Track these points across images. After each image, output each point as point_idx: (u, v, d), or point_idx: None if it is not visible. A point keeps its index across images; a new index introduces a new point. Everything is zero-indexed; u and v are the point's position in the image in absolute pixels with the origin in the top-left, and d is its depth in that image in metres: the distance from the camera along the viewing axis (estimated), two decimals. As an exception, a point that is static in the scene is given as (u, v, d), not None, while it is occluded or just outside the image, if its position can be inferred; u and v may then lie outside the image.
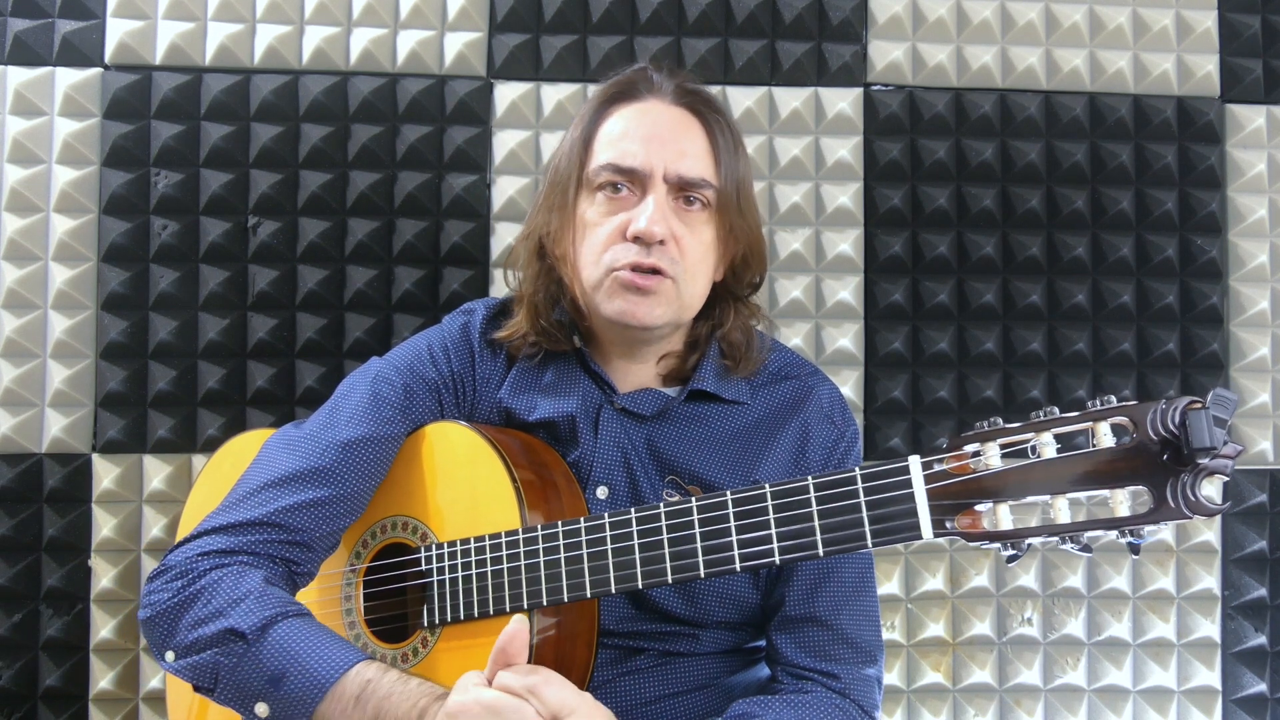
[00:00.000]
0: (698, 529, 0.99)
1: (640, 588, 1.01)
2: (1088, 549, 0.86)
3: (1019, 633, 1.71)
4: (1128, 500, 0.83)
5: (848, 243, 1.71)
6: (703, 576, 0.98)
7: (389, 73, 1.68)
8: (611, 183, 1.14)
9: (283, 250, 1.66)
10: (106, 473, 1.63)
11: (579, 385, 1.21)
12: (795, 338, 1.71)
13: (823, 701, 1.10)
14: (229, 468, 1.34)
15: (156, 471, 1.63)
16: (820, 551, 0.94)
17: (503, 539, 1.06)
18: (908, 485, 0.90)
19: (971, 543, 0.89)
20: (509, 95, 1.69)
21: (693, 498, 1.00)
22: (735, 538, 0.97)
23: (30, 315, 1.63)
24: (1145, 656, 1.72)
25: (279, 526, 1.07)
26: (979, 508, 0.88)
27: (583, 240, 1.16)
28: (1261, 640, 1.72)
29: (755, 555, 0.96)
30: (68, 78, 1.63)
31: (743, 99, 1.71)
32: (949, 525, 0.89)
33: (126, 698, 1.62)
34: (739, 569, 0.97)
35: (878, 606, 1.20)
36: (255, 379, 1.65)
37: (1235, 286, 1.75)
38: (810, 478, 0.95)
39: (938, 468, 0.90)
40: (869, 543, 0.92)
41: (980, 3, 1.73)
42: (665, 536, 1.00)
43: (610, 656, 1.15)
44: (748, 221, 1.20)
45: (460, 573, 1.08)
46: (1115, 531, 0.83)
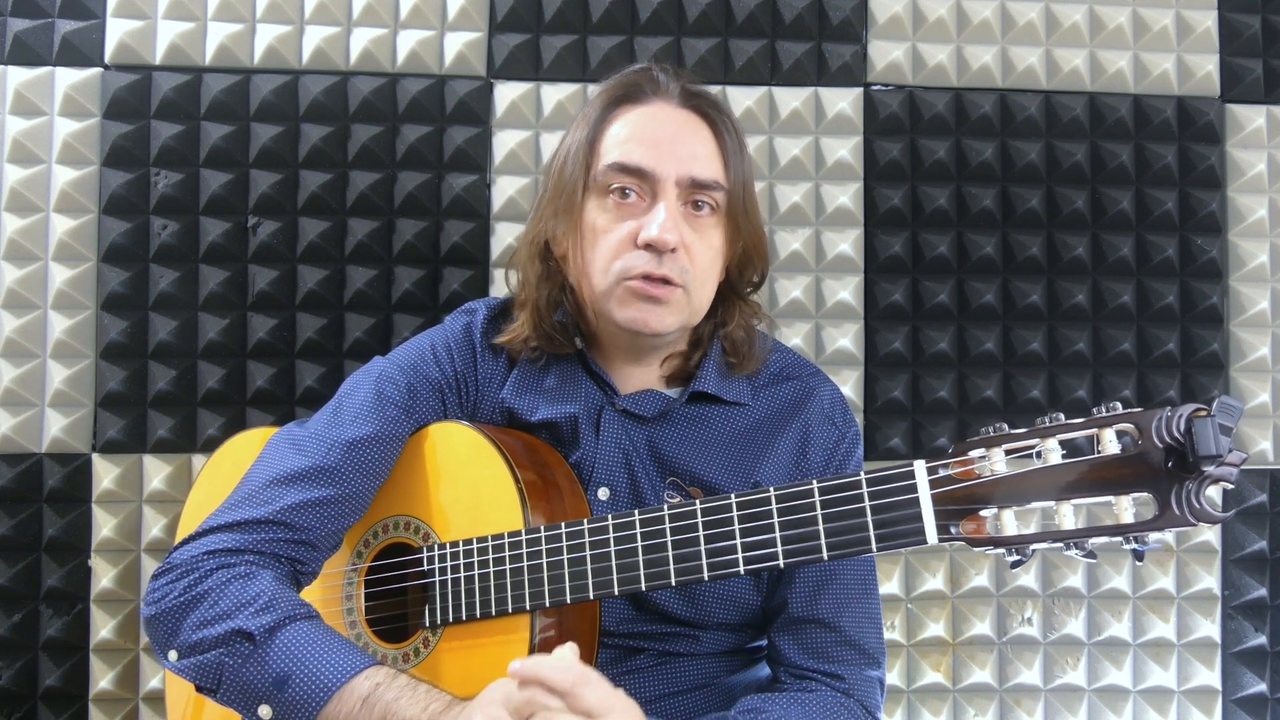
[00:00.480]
0: (701, 531, 0.98)
1: (643, 590, 1.00)
2: (1092, 555, 0.86)
3: (1019, 633, 1.71)
4: (1132, 507, 0.83)
5: (848, 243, 1.71)
6: (706, 579, 0.98)
7: (389, 73, 1.68)
8: (621, 187, 1.13)
9: (283, 250, 1.66)
10: (106, 473, 1.63)
11: (581, 387, 1.21)
12: (795, 338, 1.71)
13: (828, 700, 1.10)
14: (229, 467, 1.34)
15: (156, 471, 1.63)
16: (824, 555, 0.94)
17: (505, 540, 1.06)
18: (913, 490, 0.90)
19: (976, 548, 0.89)
20: (509, 95, 1.69)
21: (696, 500, 1.00)
22: (739, 540, 0.97)
23: (30, 315, 1.63)
24: (1145, 656, 1.72)
25: (285, 525, 1.06)
26: (984, 513, 0.88)
27: (591, 246, 1.14)
28: (1261, 640, 1.72)
29: (759, 559, 0.96)
30: (68, 78, 1.63)
31: (743, 99, 1.71)
32: (953, 530, 0.89)
33: (126, 698, 1.62)
34: (743, 572, 0.97)
35: (880, 609, 1.20)
36: (255, 379, 1.65)
37: (1235, 286, 1.75)
38: (815, 481, 0.95)
39: (943, 473, 0.90)
40: (873, 547, 0.92)
41: (980, 3, 1.73)
42: (669, 539, 1.00)
43: (610, 656, 1.15)
44: (752, 221, 1.20)
45: (463, 573, 1.08)
46: (1120, 538, 0.83)
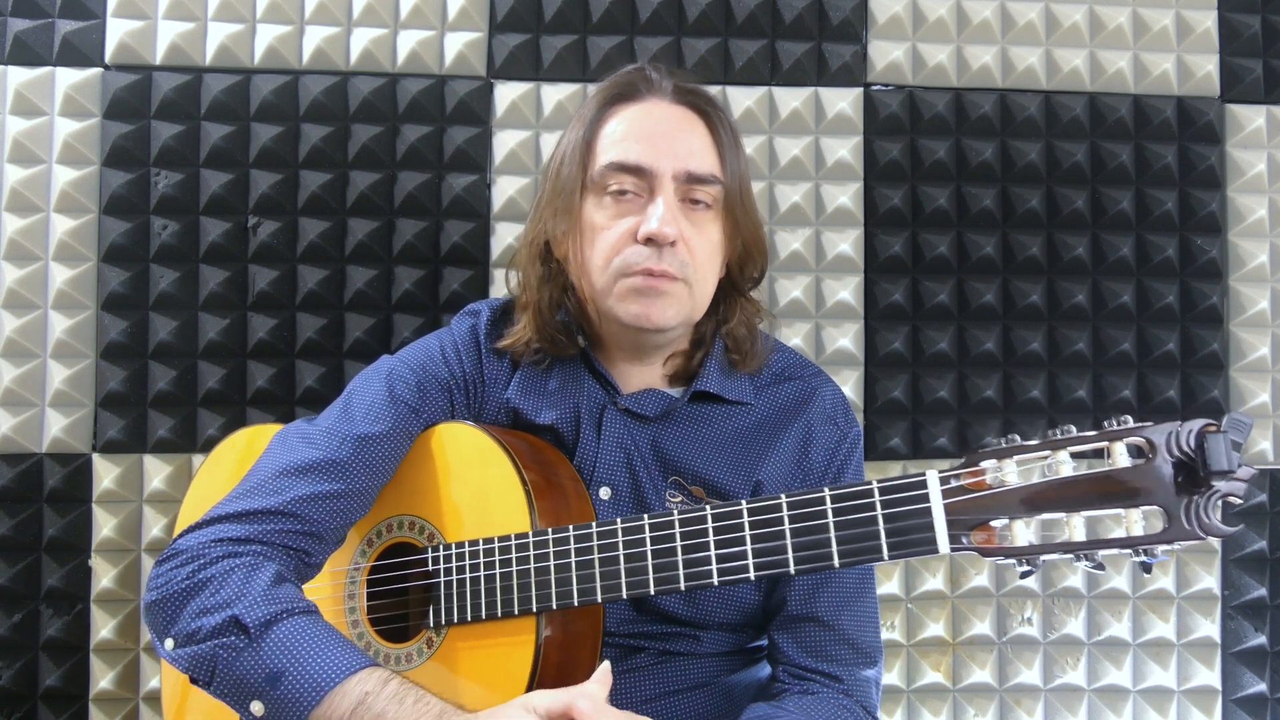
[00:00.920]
0: (712, 537, 0.98)
1: (652, 594, 1.00)
2: (1101, 566, 0.88)
3: (1019, 633, 1.71)
4: (1141, 519, 0.85)
5: (848, 243, 1.71)
6: (716, 584, 0.98)
7: (389, 73, 1.68)
8: (619, 184, 1.13)
9: (283, 250, 1.66)
10: (106, 473, 1.63)
11: (583, 387, 1.21)
12: (795, 338, 1.71)
13: (830, 702, 1.10)
14: (230, 463, 1.34)
15: (156, 471, 1.63)
16: (836, 563, 0.94)
17: (513, 541, 1.06)
18: (925, 500, 0.91)
19: (986, 558, 0.89)
20: (509, 95, 1.69)
21: (707, 506, 0.99)
22: (750, 547, 0.97)
23: (30, 315, 1.63)
24: (1145, 656, 1.72)
25: (294, 516, 1.05)
26: (995, 524, 0.89)
27: (591, 245, 1.15)
28: (1261, 640, 1.72)
29: (770, 565, 0.96)
30: (68, 78, 1.63)
31: (743, 99, 1.71)
32: (965, 540, 0.90)
33: (126, 698, 1.62)
34: (753, 578, 0.97)
35: (878, 608, 1.21)
36: (255, 379, 1.65)
37: (1235, 286, 1.75)
38: (827, 489, 0.95)
39: (955, 483, 0.90)
40: (885, 555, 0.92)
41: (980, 3, 1.73)
42: (679, 544, 0.99)
43: (610, 655, 1.14)
44: (750, 217, 1.20)
45: (468, 574, 1.08)
46: (1130, 550, 0.84)
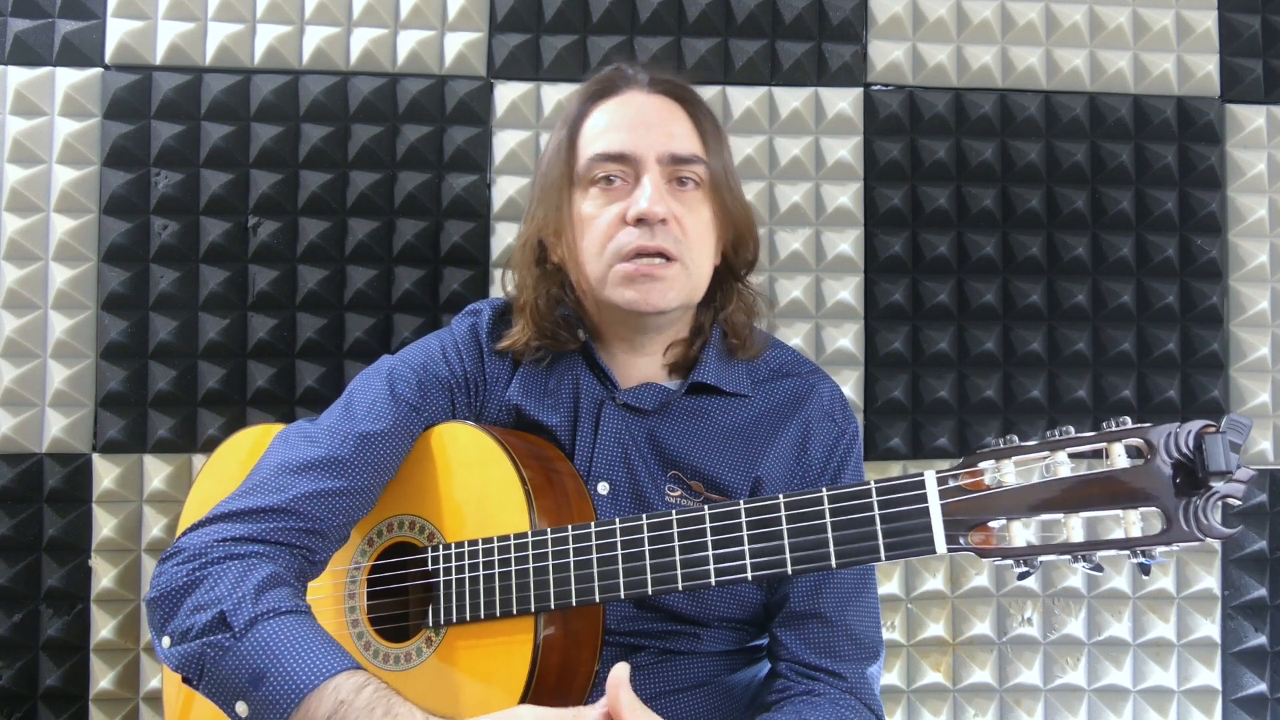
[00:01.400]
0: (710, 538, 0.99)
1: (650, 594, 1.00)
2: (1099, 568, 0.88)
3: (1019, 633, 1.71)
4: (1140, 520, 0.84)
5: (848, 243, 1.71)
6: (714, 585, 0.98)
7: (389, 73, 1.68)
8: (605, 175, 1.15)
9: (283, 250, 1.66)
10: (106, 473, 1.63)
11: (582, 382, 1.21)
12: (795, 338, 1.71)
13: (837, 704, 1.10)
14: (234, 461, 1.35)
15: (156, 471, 1.63)
16: (833, 564, 0.94)
17: (512, 541, 1.06)
18: (922, 500, 0.91)
19: (984, 559, 0.89)
20: (509, 95, 1.69)
21: (705, 506, 1.00)
22: (747, 547, 0.97)
23: (30, 315, 1.63)
24: (1145, 656, 1.72)
25: (296, 514, 1.05)
26: (992, 524, 0.89)
27: (583, 236, 1.16)
28: (1261, 640, 1.72)
29: (767, 565, 0.96)
30: (68, 78, 1.63)
31: (743, 99, 1.71)
32: (962, 541, 0.89)
33: (126, 698, 1.62)
34: (751, 579, 0.97)
35: (878, 603, 1.21)
36: (255, 379, 1.65)
37: (1235, 286, 1.75)
38: (825, 489, 0.95)
39: (952, 484, 0.90)
40: (882, 556, 0.92)
41: (980, 3, 1.73)
42: (677, 544, 1.00)
43: (610, 654, 1.14)
44: (738, 201, 1.22)
45: (468, 574, 1.08)
46: (1127, 551, 0.84)
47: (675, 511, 1.00)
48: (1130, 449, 0.85)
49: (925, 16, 1.73)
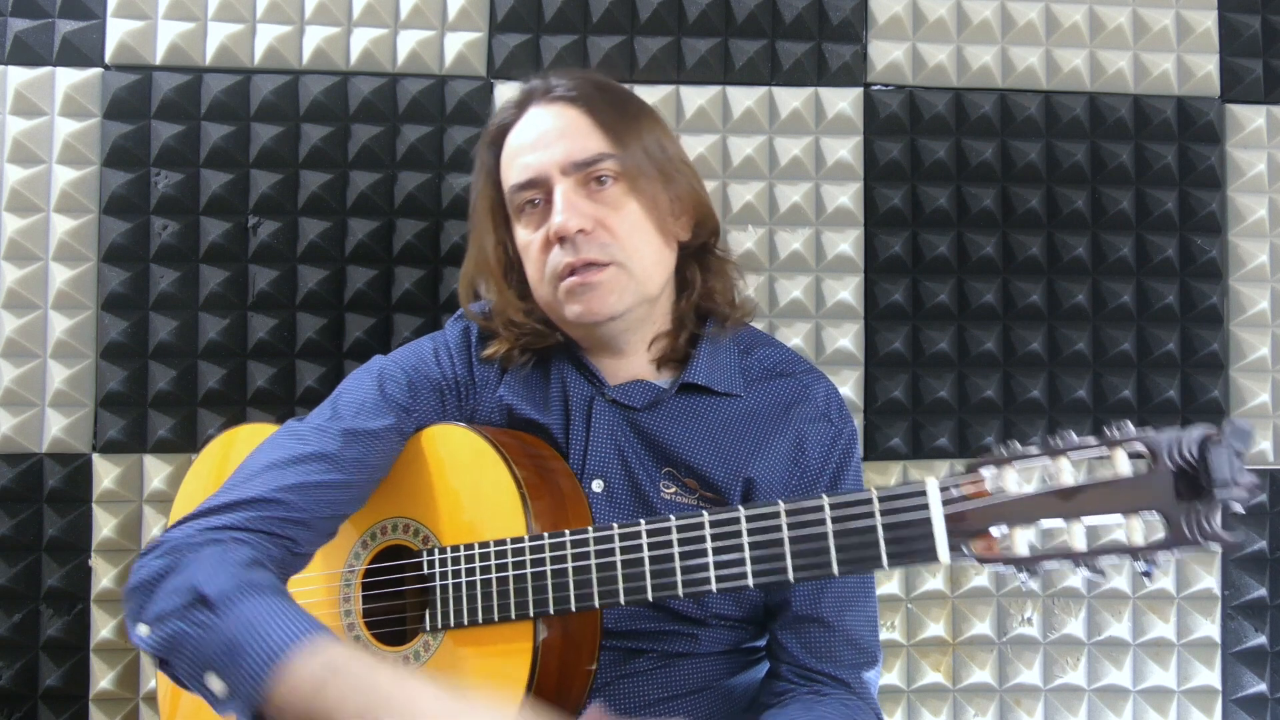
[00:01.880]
0: (710, 544, 0.98)
1: (650, 600, 1.00)
2: (1102, 574, 0.87)
3: (1019, 633, 1.71)
4: (1142, 527, 0.84)
5: (848, 243, 1.71)
6: (715, 591, 0.98)
7: (389, 73, 1.68)
8: (528, 200, 1.16)
9: (283, 250, 1.66)
10: (106, 473, 1.63)
11: (570, 379, 1.22)
12: (795, 338, 1.71)
13: (844, 702, 1.10)
14: (222, 459, 1.34)
15: (156, 471, 1.63)
16: (835, 570, 0.93)
17: (509, 547, 1.06)
18: (925, 509, 0.90)
19: (987, 566, 0.89)
20: (509, 95, 1.68)
21: (704, 512, 0.99)
22: (748, 554, 0.96)
23: (30, 315, 1.63)
24: (1145, 656, 1.72)
25: (279, 503, 1.05)
26: (995, 532, 0.89)
27: (528, 263, 1.19)
28: (1261, 640, 1.72)
29: (768, 573, 0.96)
30: (68, 78, 1.63)
31: (743, 99, 1.71)
32: (965, 549, 0.89)
33: (126, 698, 1.62)
34: (752, 585, 0.96)
35: (877, 607, 1.21)
36: (255, 379, 1.65)
37: (1235, 286, 1.75)
38: (826, 497, 0.94)
39: (955, 492, 0.90)
40: (884, 564, 0.91)
41: (980, 3, 1.73)
42: (677, 550, 0.99)
43: (610, 659, 1.14)
44: (678, 176, 1.19)
45: (465, 578, 1.08)
46: (1130, 557, 0.84)
47: (674, 517, 1.00)
48: (1133, 456, 0.84)
49: (925, 16, 1.73)
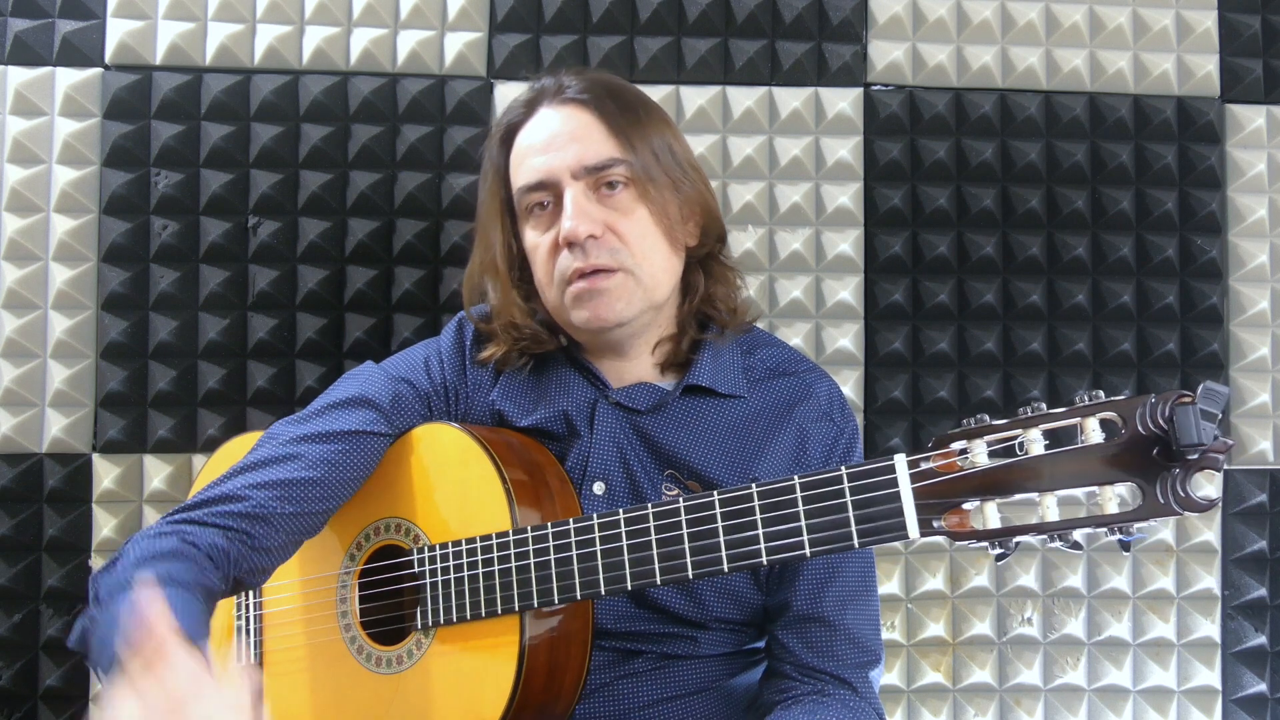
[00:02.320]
0: (685, 529, 0.98)
1: (629, 589, 1.00)
2: (1078, 546, 0.85)
3: (1019, 633, 1.71)
4: (1116, 497, 0.82)
5: (848, 243, 1.71)
6: (691, 578, 0.98)
7: (389, 73, 1.68)
8: (537, 202, 1.16)
9: (283, 250, 1.66)
10: (106, 473, 1.63)
11: (571, 382, 1.21)
12: (795, 338, 1.71)
13: (846, 704, 1.10)
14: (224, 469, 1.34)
15: (156, 471, 1.63)
16: (807, 552, 0.93)
17: (493, 540, 1.06)
18: (893, 484, 0.90)
19: (958, 541, 0.88)
20: (509, 95, 1.69)
21: (680, 498, 0.99)
22: (722, 538, 0.96)
23: (30, 315, 1.63)
24: (1145, 656, 1.72)
25: (237, 498, 1.05)
26: (966, 506, 0.87)
27: (536, 265, 1.18)
28: (1261, 640, 1.72)
29: (742, 556, 0.96)
30: (68, 78, 1.63)
31: (743, 99, 1.71)
32: (936, 524, 0.88)
33: (126, 698, 1.62)
34: (726, 570, 0.96)
35: (879, 606, 1.20)
36: (255, 379, 1.65)
37: (1235, 286, 1.75)
38: (796, 477, 0.94)
39: (924, 466, 0.89)
40: (855, 542, 0.91)
41: (980, 3, 1.73)
42: (653, 538, 0.99)
43: (608, 659, 1.14)
44: (687, 182, 1.19)
45: (451, 575, 1.08)
46: (1105, 529, 0.82)
47: (651, 505, 1.00)
48: (1105, 424, 0.83)
49: (925, 16, 1.73)
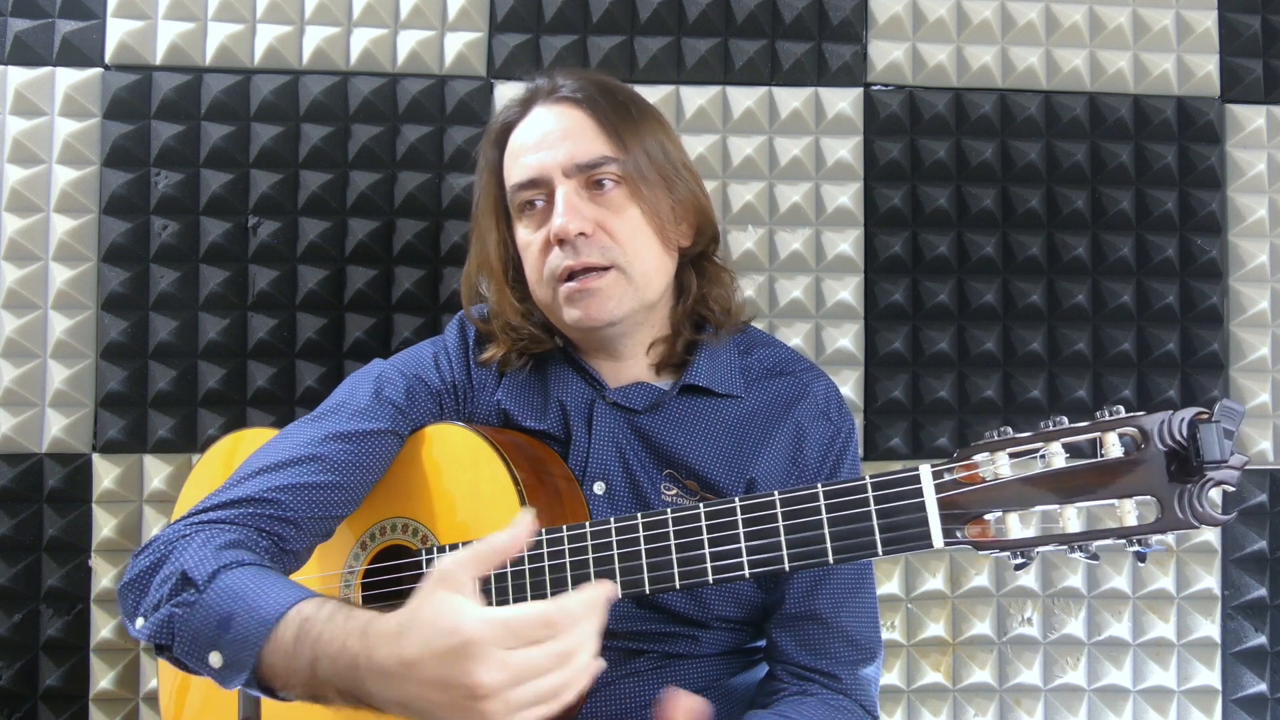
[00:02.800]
0: (705, 535, 0.98)
1: (648, 593, 1.00)
2: (1095, 557, 0.87)
3: (1019, 633, 1.71)
4: (1134, 509, 0.84)
5: (848, 243, 1.71)
6: (711, 583, 0.98)
7: (389, 73, 1.68)
8: (528, 200, 1.16)
9: (283, 250, 1.66)
10: (106, 473, 1.63)
11: (570, 383, 1.22)
12: (795, 338, 1.71)
13: (828, 704, 1.10)
14: (220, 466, 1.34)
15: (156, 471, 1.63)
16: (830, 559, 0.94)
17: None
18: (918, 494, 0.91)
19: (981, 551, 0.89)
20: (509, 95, 1.67)
21: (700, 504, 0.99)
22: (744, 544, 0.97)
23: (30, 315, 1.63)
24: (1145, 656, 1.72)
25: (268, 502, 1.06)
26: (988, 517, 0.89)
27: (528, 263, 1.19)
28: (1261, 640, 1.72)
29: (764, 562, 0.96)
30: (68, 78, 1.63)
31: (743, 99, 1.71)
32: (959, 534, 0.89)
33: (126, 698, 1.62)
34: (748, 575, 0.97)
35: (876, 604, 1.21)
36: (255, 379, 1.65)
37: (1235, 286, 1.75)
38: (820, 485, 0.95)
39: (948, 477, 0.90)
40: (879, 551, 0.92)
41: (980, 3, 1.73)
42: (673, 543, 0.99)
43: (610, 658, 1.13)
44: (679, 182, 1.19)
45: None
46: (1124, 540, 0.84)
47: (670, 510, 1.00)
48: (1124, 438, 0.85)
49: (925, 16, 1.73)
